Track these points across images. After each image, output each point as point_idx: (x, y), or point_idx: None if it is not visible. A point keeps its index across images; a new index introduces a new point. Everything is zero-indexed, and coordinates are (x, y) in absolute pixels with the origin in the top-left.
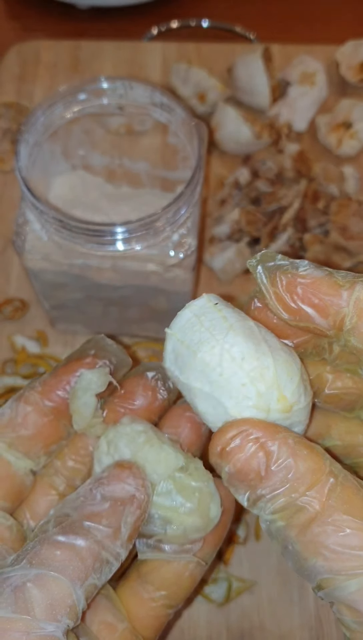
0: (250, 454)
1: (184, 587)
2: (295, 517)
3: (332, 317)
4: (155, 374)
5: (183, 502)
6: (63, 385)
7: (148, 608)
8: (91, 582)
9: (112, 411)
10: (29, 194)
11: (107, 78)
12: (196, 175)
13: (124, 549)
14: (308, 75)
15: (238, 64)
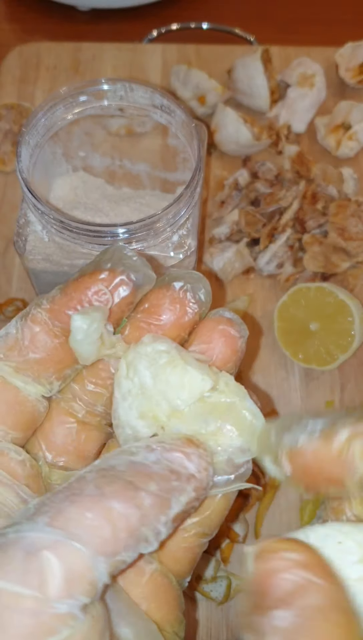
0: (284, 583)
1: (218, 512)
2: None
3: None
4: (183, 284)
5: (218, 425)
6: (74, 305)
7: (179, 539)
8: (120, 558)
9: (136, 328)
10: (30, 195)
11: (107, 80)
12: (196, 177)
13: (167, 528)
14: (307, 77)
15: (237, 65)
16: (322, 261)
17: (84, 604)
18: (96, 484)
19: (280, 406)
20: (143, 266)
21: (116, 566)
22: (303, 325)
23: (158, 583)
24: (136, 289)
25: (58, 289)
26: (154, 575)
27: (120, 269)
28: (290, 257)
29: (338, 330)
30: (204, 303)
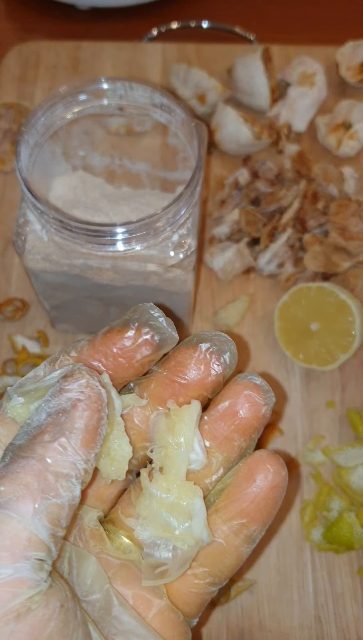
0: None
1: (229, 565)
2: None
3: None
4: (209, 345)
5: (177, 522)
6: (99, 357)
7: (189, 584)
8: (47, 503)
9: (161, 385)
10: (29, 195)
11: (107, 79)
12: (196, 176)
13: (81, 455)
14: (307, 76)
15: (237, 64)
16: (322, 261)
17: (38, 563)
18: (1, 465)
19: (281, 407)
20: (168, 327)
21: (50, 511)
22: (304, 325)
23: (165, 617)
24: (158, 348)
25: (86, 341)
26: (163, 609)
27: (145, 329)
28: (290, 257)
29: (339, 330)
30: (228, 366)
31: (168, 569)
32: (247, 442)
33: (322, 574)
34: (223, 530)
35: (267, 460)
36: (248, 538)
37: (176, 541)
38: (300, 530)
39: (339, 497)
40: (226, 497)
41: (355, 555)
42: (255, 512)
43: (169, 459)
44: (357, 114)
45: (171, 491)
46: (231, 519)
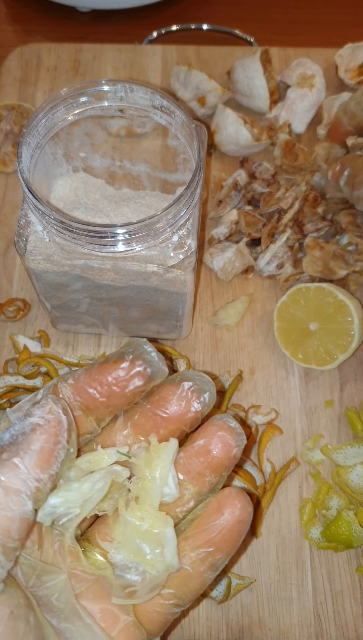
0: None
1: (193, 589)
2: None
3: None
4: (191, 385)
5: (149, 548)
6: (95, 385)
7: (155, 604)
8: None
9: (144, 417)
10: (30, 196)
11: (108, 81)
12: (196, 177)
13: (32, 474)
14: (306, 78)
15: (237, 66)
16: (320, 266)
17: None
18: None
19: (280, 406)
20: (159, 362)
21: (1, 524)
22: (303, 325)
23: (130, 633)
24: (149, 380)
25: (83, 370)
26: (128, 625)
27: (139, 362)
28: (290, 258)
29: (338, 330)
30: (207, 404)
31: (136, 590)
32: (217, 479)
33: (321, 572)
34: (190, 556)
35: (235, 497)
36: (212, 566)
37: (147, 565)
38: (299, 528)
39: (338, 496)
40: (195, 527)
41: (354, 554)
42: (220, 542)
43: (145, 490)
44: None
45: (145, 520)
46: (199, 547)
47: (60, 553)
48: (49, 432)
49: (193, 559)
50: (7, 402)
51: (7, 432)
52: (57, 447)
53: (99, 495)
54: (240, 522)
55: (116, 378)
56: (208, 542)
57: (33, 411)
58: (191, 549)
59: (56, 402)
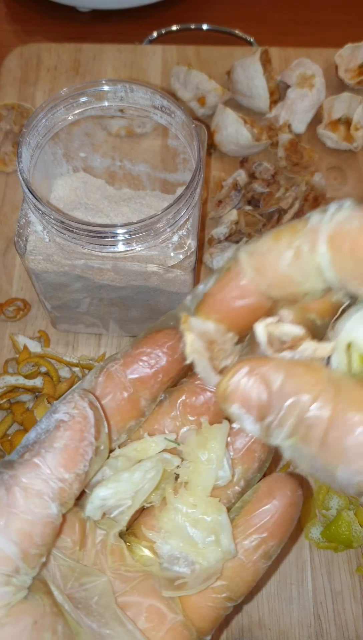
0: (249, 387)
1: (247, 581)
2: (310, 433)
3: None
4: None
5: (201, 537)
6: (144, 357)
7: (207, 598)
8: (15, 518)
9: (193, 394)
10: (30, 196)
11: (108, 81)
12: (196, 177)
13: (55, 474)
14: (306, 78)
15: (237, 66)
16: None
17: (5, 577)
18: None
19: None
20: None
21: (20, 527)
22: None
23: (177, 633)
24: None
25: (129, 345)
26: (176, 625)
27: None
28: None
29: None
30: None
31: (187, 582)
32: (266, 454)
33: (321, 572)
34: (242, 545)
35: (285, 481)
36: (266, 554)
37: (197, 556)
38: (299, 528)
39: (338, 496)
40: (246, 513)
41: (354, 554)
42: (273, 527)
43: (198, 474)
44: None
45: (197, 507)
46: (251, 534)
47: (102, 553)
48: (74, 428)
49: (245, 547)
50: (7, 402)
51: (33, 431)
52: (83, 444)
53: (151, 484)
54: (292, 506)
55: (163, 344)
56: (260, 528)
57: (58, 407)
58: (243, 536)
59: (82, 396)
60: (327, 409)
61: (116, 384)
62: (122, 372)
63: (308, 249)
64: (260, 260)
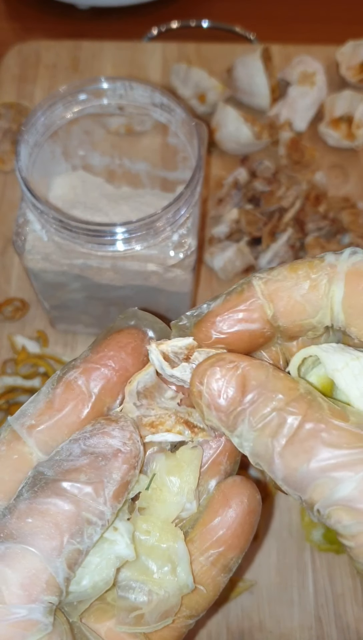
0: (228, 376)
1: (207, 597)
2: (279, 429)
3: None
4: None
5: (156, 566)
6: (105, 361)
7: None
8: (71, 548)
9: None
10: (29, 194)
11: (107, 78)
12: (196, 176)
13: (109, 507)
14: (308, 75)
15: (237, 64)
16: None
17: (50, 605)
18: (29, 495)
19: None
20: (158, 322)
21: (72, 557)
22: None
23: None
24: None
25: (88, 350)
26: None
27: (142, 324)
28: (291, 257)
29: None
30: None
31: (144, 613)
32: (232, 465)
33: (322, 574)
34: (199, 562)
35: (241, 486)
36: (225, 567)
37: (154, 585)
38: (301, 530)
39: None
40: (201, 525)
41: None
42: (232, 539)
43: (162, 504)
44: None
45: (152, 534)
46: (208, 549)
47: None
48: (130, 462)
49: (202, 563)
50: (5, 403)
51: (76, 445)
52: (133, 480)
53: (109, 580)
54: (250, 513)
55: (126, 345)
56: (217, 542)
57: (111, 430)
58: (199, 552)
59: (135, 428)
60: (299, 411)
61: (76, 395)
62: (83, 380)
63: (326, 282)
64: (275, 288)
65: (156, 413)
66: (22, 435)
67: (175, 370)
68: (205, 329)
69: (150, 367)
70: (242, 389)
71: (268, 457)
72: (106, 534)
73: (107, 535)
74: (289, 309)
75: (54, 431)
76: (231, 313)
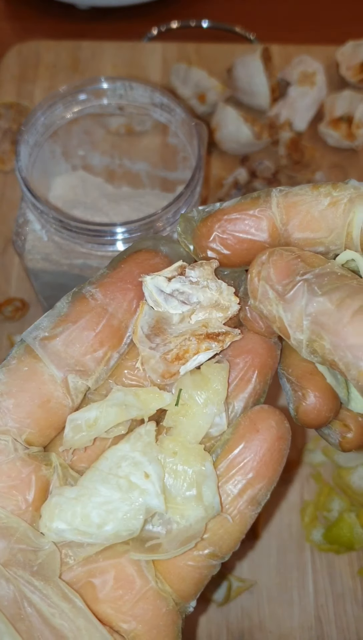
0: (292, 256)
1: (233, 533)
2: (350, 297)
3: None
4: None
5: (180, 490)
6: (122, 277)
7: (186, 556)
8: None
9: None
10: (29, 194)
11: (107, 78)
12: (196, 176)
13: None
14: (308, 76)
15: (237, 64)
16: None
17: None
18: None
19: (281, 404)
20: (174, 244)
21: None
22: None
23: (149, 603)
24: (170, 260)
25: (105, 269)
26: (148, 594)
27: (158, 244)
28: None
29: None
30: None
31: (161, 543)
32: (262, 385)
33: (322, 574)
34: (225, 490)
35: (269, 412)
36: (253, 499)
37: (175, 513)
38: (301, 530)
39: (339, 498)
40: (227, 452)
41: (356, 556)
42: (260, 466)
43: (191, 418)
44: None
45: (178, 454)
46: (235, 475)
47: None
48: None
49: (228, 492)
50: None
51: None
52: None
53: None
54: (279, 439)
55: (144, 263)
56: (244, 468)
57: None
58: (225, 479)
59: None
60: None
61: (91, 308)
62: (100, 294)
63: (347, 201)
64: (294, 200)
65: (175, 343)
66: (35, 347)
67: (173, 283)
68: (210, 224)
69: (144, 306)
70: (304, 262)
71: (333, 324)
72: (136, 480)
73: (138, 481)
74: (304, 223)
75: (68, 344)
76: (240, 214)
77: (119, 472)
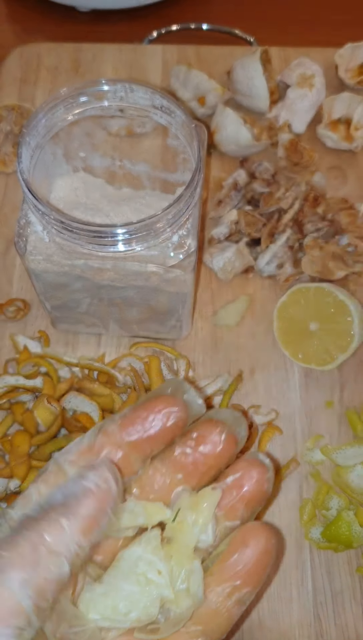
0: None
1: (221, 626)
2: None
3: None
4: (227, 422)
5: (174, 584)
6: (140, 421)
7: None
8: (36, 575)
9: (184, 454)
10: (30, 196)
11: (108, 80)
12: (196, 177)
13: (75, 539)
14: (306, 78)
15: (237, 66)
16: (319, 266)
17: (19, 629)
18: (10, 532)
19: (280, 406)
20: (197, 397)
21: (37, 584)
22: (303, 325)
23: None
24: (187, 415)
25: (128, 408)
26: None
27: (179, 396)
28: (290, 258)
29: (338, 330)
30: (241, 441)
31: (159, 627)
32: (249, 514)
33: (321, 572)
34: (216, 591)
35: (260, 529)
36: (240, 600)
37: (171, 603)
38: (299, 528)
39: (338, 496)
40: (221, 561)
41: (354, 554)
42: (247, 575)
43: (183, 533)
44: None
45: (174, 558)
46: (225, 581)
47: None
48: (99, 499)
49: (219, 593)
50: (7, 402)
51: (59, 491)
52: (102, 516)
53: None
54: (265, 553)
55: (159, 411)
56: (234, 576)
57: (87, 474)
58: (217, 583)
59: (110, 469)
60: None
61: (112, 443)
62: (119, 433)
63: None
64: None
65: None
66: (64, 466)
67: None
68: None
69: None
70: None
71: None
72: (152, 576)
73: (153, 577)
74: None
75: None
76: None
77: (137, 570)
